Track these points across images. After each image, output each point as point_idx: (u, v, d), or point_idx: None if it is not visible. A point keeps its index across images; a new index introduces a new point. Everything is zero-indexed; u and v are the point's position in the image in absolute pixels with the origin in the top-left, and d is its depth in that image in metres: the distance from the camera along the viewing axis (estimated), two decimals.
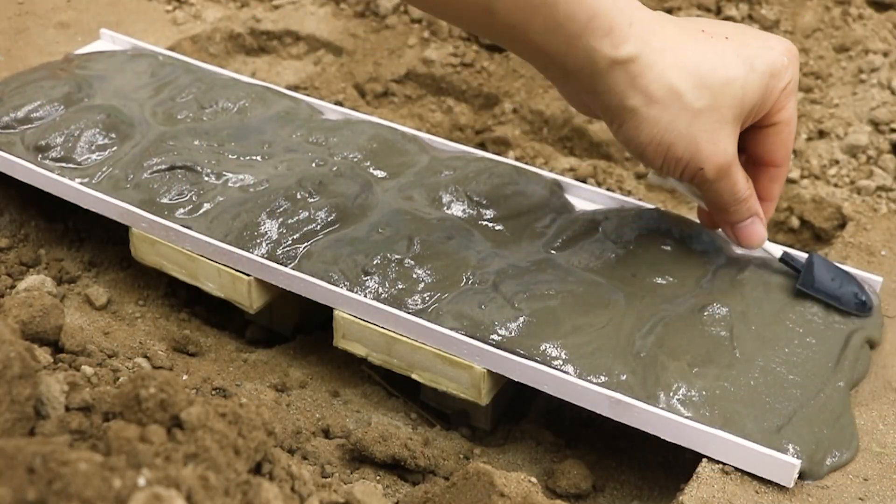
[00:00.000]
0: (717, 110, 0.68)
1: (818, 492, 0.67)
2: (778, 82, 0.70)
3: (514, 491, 0.62)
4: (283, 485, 0.52)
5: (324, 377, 0.86)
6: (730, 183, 0.72)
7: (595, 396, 0.70)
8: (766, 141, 0.74)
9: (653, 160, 0.70)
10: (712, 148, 0.69)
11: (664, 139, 0.68)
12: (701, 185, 0.72)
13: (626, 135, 0.69)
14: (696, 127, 0.68)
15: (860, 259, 0.91)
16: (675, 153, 0.69)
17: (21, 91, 0.99)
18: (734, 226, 0.77)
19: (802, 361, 0.74)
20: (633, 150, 0.70)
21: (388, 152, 0.95)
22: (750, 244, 0.77)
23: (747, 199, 0.74)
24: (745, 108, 0.69)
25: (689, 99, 0.67)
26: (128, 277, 0.95)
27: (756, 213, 0.76)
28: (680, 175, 0.71)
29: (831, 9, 1.15)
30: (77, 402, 0.56)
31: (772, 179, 0.77)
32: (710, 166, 0.69)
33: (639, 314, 0.77)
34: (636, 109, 0.67)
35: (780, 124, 0.73)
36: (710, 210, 0.78)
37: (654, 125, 0.67)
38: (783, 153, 0.75)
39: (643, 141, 0.69)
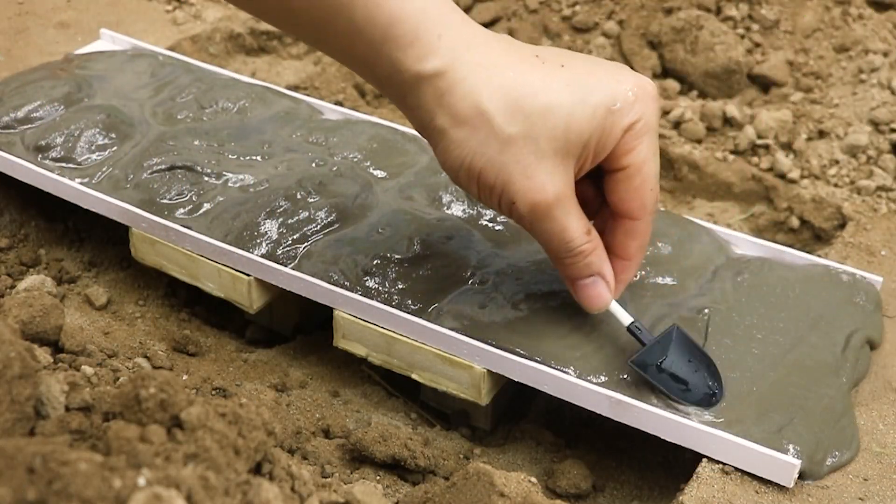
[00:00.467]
0: (532, 140, 0.60)
1: (818, 492, 0.67)
2: (619, 119, 0.62)
3: (514, 491, 0.62)
4: (283, 485, 0.52)
5: (324, 377, 0.86)
6: (554, 227, 0.63)
7: (595, 396, 0.70)
8: (617, 188, 0.65)
9: (468, 187, 0.64)
10: (526, 182, 0.61)
11: (473, 164, 0.61)
12: (520, 223, 0.64)
13: (439, 158, 0.64)
14: (507, 155, 0.61)
15: (860, 259, 0.91)
16: (486, 181, 0.62)
17: (21, 91, 0.99)
18: (573, 282, 0.68)
19: (803, 362, 0.74)
20: (449, 174, 0.64)
21: (388, 152, 0.95)
22: (589, 307, 0.68)
23: (584, 252, 0.65)
24: (570, 142, 0.61)
25: (499, 122, 0.60)
26: (128, 277, 0.95)
27: (599, 273, 0.67)
28: (499, 207, 0.64)
29: (831, 9, 1.15)
30: (77, 402, 0.56)
31: (627, 234, 0.67)
32: (522, 201, 0.62)
33: (639, 314, 0.77)
34: (444, 130, 0.61)
35: (630, 168, 0.64)
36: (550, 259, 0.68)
37: (461, 147, 0.61)
38: (637, 203, 0.65)
39: (454, 165, 0.63)
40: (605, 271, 0.67)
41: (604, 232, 0.68)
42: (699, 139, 1.12)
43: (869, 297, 0.81)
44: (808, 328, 0.77)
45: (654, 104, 0.64)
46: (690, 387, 0.69)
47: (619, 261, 0.68)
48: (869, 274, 0.83)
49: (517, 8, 1.24)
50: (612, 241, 0.67)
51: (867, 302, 0.80)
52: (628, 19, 1.18)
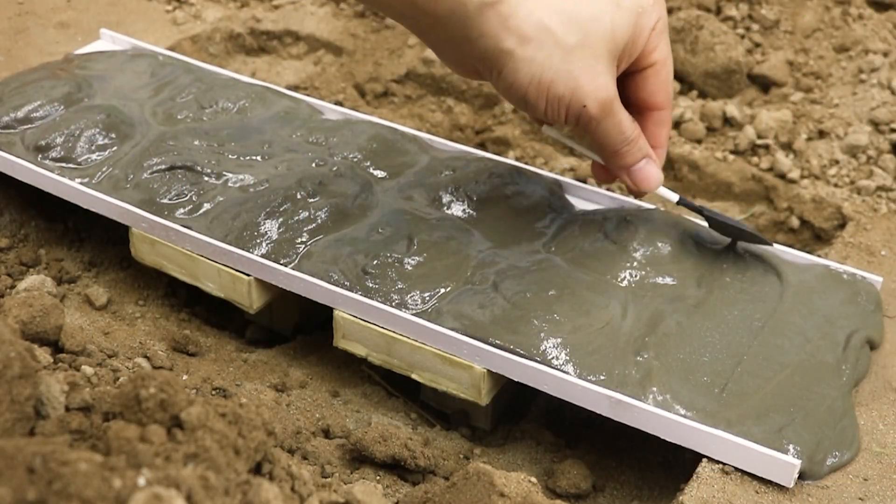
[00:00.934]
0: (590, 46, 0.68)
1: (818, 492, 0.67)
2: (646, 20, 0.71)
3: (514, 491, 0.62)
4: (283, 485, 0.52)
5: (324, 377, 0.86)
6: (615, 121, 0.72)
7: (595, 396, 0.70)
8: (645, 84, 0.75)
9: (536, 103, 0.70)
10: (592, 83, 0.69)
11: (543, 77, 0.68)
12: (587, 125, 0.72)
13: (506, 80, 0.69)
14: (572, 63, 0.68)
15: (860, 259, 0.91)
16: (556, 91, 0.69)
17: (21, 91, 0.99)
18: (629, 170, 0.77)
19: (803, 362, 0.74)
20: (516, 95, 0.70)
21: (388, 152, 0.95)
22: (648, 187, 0.77)
23: (636, 139, 0.74)
24: (617, 43, 0.69)
25: (561, 35, 0.67)
26: (128, 277, 0.95)
27: (648, 155, 0.76)
28: (566, 117, 0.71)
29: (831, 9, 1.15)
30: (77, 402, 0.56)
31: (657, 124, 0.77)
32: (592, 102, 0.69)
33: (639, 314, 0.77)
34: (512, 51, 0.67)
35: (657, 64, 0.74)
36: (603, 157, 0.77)
37: (530, 64, 0.68)
38: (664, 95, 0.75)
39: (523, 83, 0.69)
40: (652, 154, 0.77)
41: None
42: (699, 139, 1.12)
43: (869, 297, 0.81)
44: (810, 329, 0.77)
45: (665, 7, 0.74)
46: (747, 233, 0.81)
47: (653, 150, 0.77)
48: (869, 274, 0.83)
49: None
50: (645, 133, 0.76)
51: (867, 302, 0.80)
52: None
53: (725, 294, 0.80)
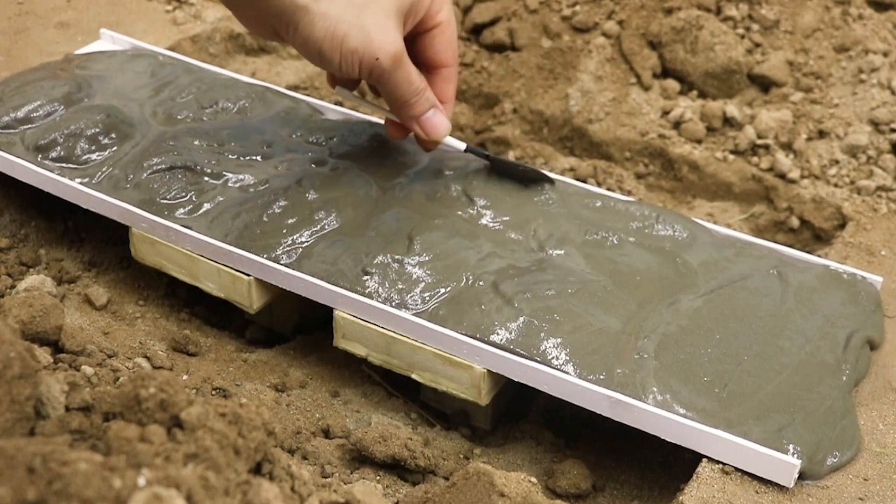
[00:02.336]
0: (379, 3, 0.73)
1: (818, 492, 0.67)
2: None
3: (514, 491, 0.62)
4: (283, 485, 0.52)
5: (324, 377, 0.86)
6: (405, 73, 0.77)
7: (595, 396, 0.70)
8: (433, 43, 0.80)
9: (331, 57, 0.74)
10: (383, 37, 0.74)
11: (337, 31, 0.72)
12: (380, 77, 0.76)
13: (302, 35, 0.73)
14: (364, 18, 0.73)
15: (860, 259, 0.91)
16: (349, 45, 0.73)
17: (21, 91, 0.99)
18: (418, 119, 0.81)
19: (804, 362, 0.74)
20: (311, 49, 0.74)
21: (388, 152, 0.95)
22: (437, 135, 0.82)
23: (423, 89, 0.79)
24: (403, 2, 0.75)
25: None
26: (128, 277, 0.95)
27: (435, 105, 0.81)
28: (359, 70, 0.75)
29: (831, 9, 1.15)
30: (77, 402, 0.56)
31: (445, 80, 0.82)
32: (384, 55, 0.74)
33: (640, 314, 0.77)
34: (306, 6, 0.72)
35: (442, 25, 0.79)
36: (394, 109, 0.81)
37: (325, 19, 0.72)
38: (450, 53, 0.81)
39: (318, 36, 0.73)
40: (439, 104, 0.82)
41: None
42: (699, 139, 1.12)
43: (869, 297, 0.81)
44: (810, 329, 0.77)
45: None
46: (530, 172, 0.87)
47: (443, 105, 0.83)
48: (869, 274, 0.83)
49: (517, 8, 1.23)
50: (433, 91, 0.82)
51: (867, 302, 0.80)
52: (628, 19, 1.18)
53: (726, 294, 0.80)
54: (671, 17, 1.15)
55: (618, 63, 1.18)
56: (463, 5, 1.27)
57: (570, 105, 1.16)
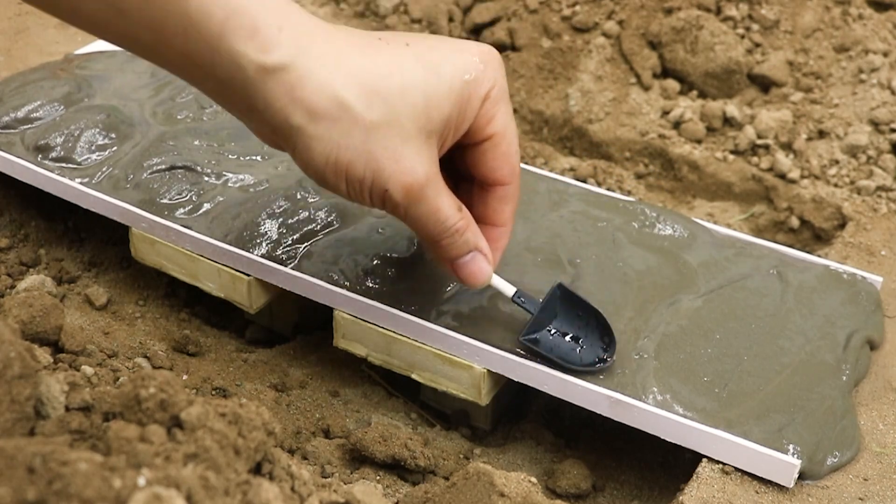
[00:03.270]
0: (395, 123, 0.59)
1: (818, 492, 0.67)
2: (475, 89, 0.61)
3: (514, 491, 0.62)
4: (283, 485, 0.52)
5: (324, 377, 0.86)
6: (429, 208, 0.62)
7: (595, 396, 0.70)
8: (484, 158, 0.65)
9: (336, 185, 0.61)
10: (395, 166, 0.59)
11: (340, 159, 0.59)
12: (394, 211, 0.63)
13: (301, 158, 0.60)
14: (373, 143, 0.59)
15: (860, 259, 0.91)
16: (355, 173, 0.60)
17: (21, 91, 0.99)
18: (452, 263, 0.67)
19: (804, 362, 0.74)
20: (314, 175, 0.61)
21: None
22: (473, 283, 0.67)
23: (460, 229, 0.64)
24: (432, 119, 0.60)
25: (360, 110, 0.58)
26: (128, 277, 0.95)
27: (476, 248, 0.66)
28: (370, 200, 0.62)
29: (831, 9, 1.15)
30: (77, 402, 0.56)
31: (501, 200, 0.67)
32: (395, 187, 0.60)
33: (640, 314, 0.77)
34: (301, 128, 0.58)
35: (496, 137, 0.64)
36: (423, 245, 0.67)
37: (324, 143, 0.58)
38: (508, 169, 0.66)
39: (318, 163, 0.60)
40: (482, 245, 0.67)
41: (472, 205, 0.68)
42: (699, 139, 1.12)
43: (869, 297, 0.81)
44: (810, 329, 0.77)
45: (502, 68, 0.64)
46: (583, 343, 0.71)
47: (495, 229, 0.68)
48: (869, 274, 0.83)
49: (517, 8, 1.23)
50: (485, 210, 0.68)
51: (867, 302, 0.80)
52: (628, 19, 1.18)
53: (726, 294, 0.80)
54: (671, 17, 1.15)
55: (618, 63, 1.18)
56: (463, 5, 1.27)
57: (570, 105, 1.16)
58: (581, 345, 0.71)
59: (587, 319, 0.72)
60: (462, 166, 0.67)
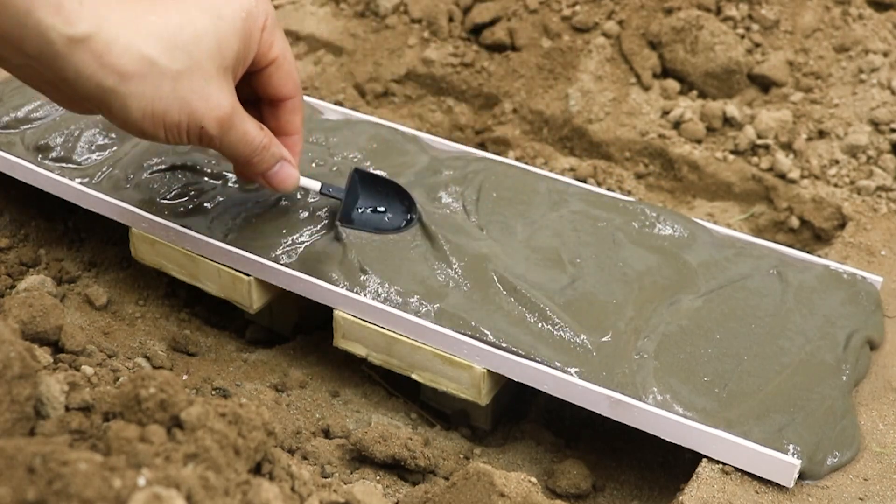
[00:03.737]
0: (197, 67, 0.67)
1: (818, 492, 0.67)
2: (253, 23, 0.70)
3: (514, 491, 0.62)
4: (283, 485, 0.52)
5: (324, 377, 0.86)
6: (240, 133, 0.71)
7: (595, 396, 0.70)
8: (271, 80, 0.75)
9: (156, 134, 0.68)
10: (206, 104, 0.68)
11: (156, 109, 0.66)
12: (211, 143, 0.71)
13: (118, 117, 0.67)
14: (181, 89, 0.66)
15: (860, 259, 0.91)
16: (171, 119, 0.67)
17: (21, 91, 0.99)
18: (265, 175, 0.76)
19: (804, 362, 0.74)
20: (133, 130, 0.68)
21: (388, 152, 0.95)
22: (286, 188, 0.77)
23: (266, 146, 0.74)
24: (226, 57, 0.68)
25: (165, 63, 0.65)
26: (128, 277, 0.95)
27: (282, 158, 0.76)
28: (188, 139, 0.70)
29: (831, 9, 1.15)
30: (77, 402, 0.56)
31: (291, 112, 0.77)
32: (210, 122, 0.69)
33: (640, 314, 0.77)
34: (114, 89, 0.64)
35: (278, 58, 0.74)
36: (236, 168, 0.77)
37: (139, 99, 0.65)
38: (291, 84, 0.76)
39: (136, 118, 0.66)
40: (286, 154, 0.77)
41: (266, 123, 0.77)
42: (699, 139, 1.12)
43: (869, 297, 0.81)
44: (810, 329, 0.77)
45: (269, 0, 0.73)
46: (389, 211, 0.84)
47: (289, 138, 0.78)
48: (869, 274, 0.83)
49: (517, 8, 1.24)
50: (278, 124, 0.77)
51: (867, 302, 0.80)
52: (628, 19, 1.18)
53: (726, 294, 0.80)
54: (671, 17, 1.15)
55: (618, 63, 1.18)
56: (463, 5, 1.27)
57: (570, 105, 1.16)
58: (387, 213, 0.84)
59: (386, 192, 0.84)
60: (248, 92, 0.76)
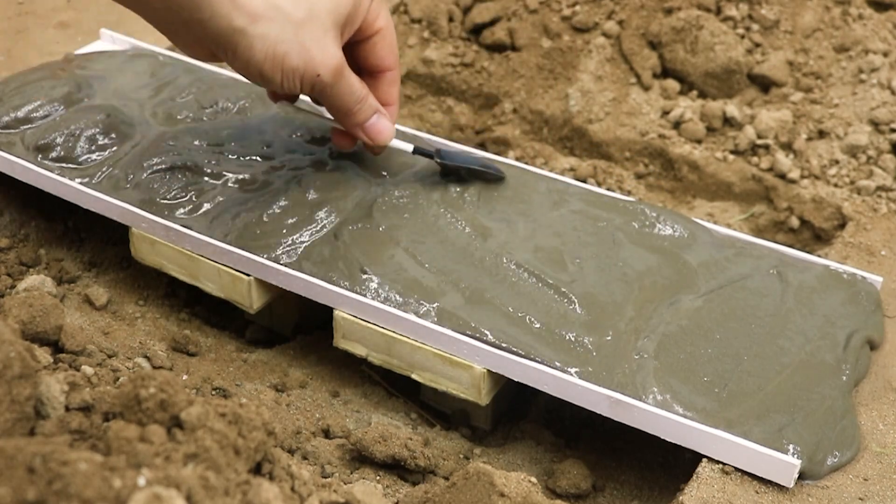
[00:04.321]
0: (317, 18, 0.73)
1: (818, 492, 0.67)
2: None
3: (514, 491, 0.62)
4: (283, 485, 0.52)
5: (324, 377, 0.86)
6: (347, 84, 0.77)
7: (595, 396, 0.70)
8: (374, 49, 0.81)
9: (273, 77, 0.74)
10: (323, 53, 0.74)
11: (277, 51, 0.72)
12: (322, 92, 0.77)
13: (242, 58, 0.72)
14: (303, 35, 0.72)
15: (860, 259, 0.91)
16: (290, 63, 0.73)
17: (21, 91, 0.99)
18: (363, 126, 0.82)
19: (804, 362, 0.74)
20: (253, 71, 0.73)
21: (388, 152, 0.94)
22: (382, 139, 0.83)
23: (365, 96, 0.80)
24: (340, 14, 0.74)
25: (290, 10, 0.71)
26: (128, 277, 0.95)
27: (378, 110, 0.82)
28: (301, 86, 0.75)
29: (831, 9, 1.15)
30: (77, 402, 0.56)
31: (389, 83, 0.83)
32: (325, 70, 0.74)
33: (640, 314, 0.77)
34: (244, 29, 0.70)
35: (382, 30, 0.80)
36: (338, 119, 0.82)
37: (264, 40, 0.71)
38: (392, 57, 0.82)
39: (259, 59, 0.72)
40: (381, 109, 0.82)
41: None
42: (699, 139, 1.12)
43: (869, 297, 0.81)
44: (810, 329, 0.77)
45: None
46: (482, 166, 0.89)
47: (388, 108, 0.84)
48: (869, 274, 0.83)
49: (517, 8, 1.23)
50: (377, 94, 0.83)
51: (867, 302, 0.80)
52: (628, 19, 1.18)
53: (726, 294, 0.80)
54: (671, 17, 1.15)
55: (618, 63, 1.18)
56: (463, 5, 1.27)
57: (570, 105, 1.16)
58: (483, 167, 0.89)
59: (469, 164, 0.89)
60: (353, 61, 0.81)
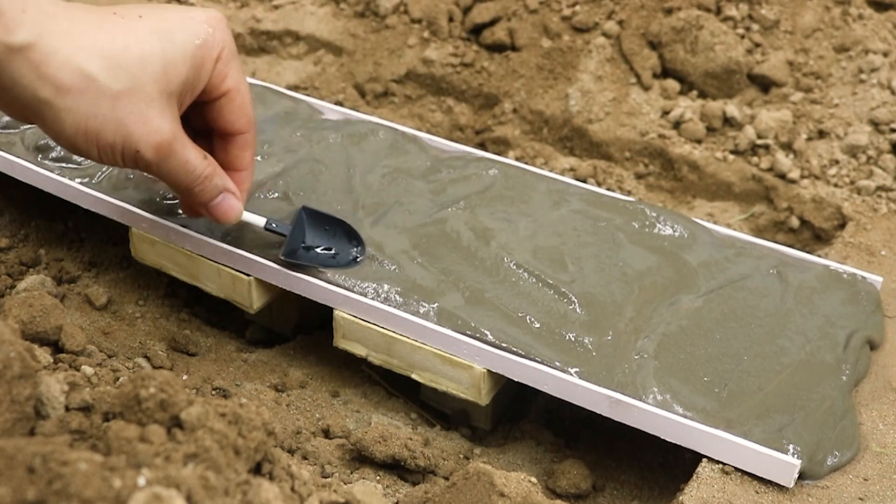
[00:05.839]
0: (138, 90, 0.65)
1: (818, 492, 0.67)
2: (208, 52, 0.68)
3: (514, 491, 0.62)
4: (283, 485, 0.52)
5: (324, 377, 0.86)
6: (178, 162, 0.69)
7: (595, 396, 0.70)
8: (222, 112, 0.73)
9: (88, 151, 0.67)
10: (143, 128, 0.66)
11: (90, 127, 0.65)
12: (147, 169, 0.69)
13: (52, 130, 0.65)
14: (120, 110, 0.65)
15: (860, 259, 0.91)
16: (106, 139, 0.65)
17: None
18: (206, 206, 0.74)
19: (804, 362, 0.74)
20: (66, 144, 0.66)
21: (388, 152, 0.94)
22: (227, 220, 0.75)
23: (209, 176, 0.72)
24: (172, 82, 0.66)
25: (105, 81, 0.64)
26: (128, 277, 0.95)
27: (226, 189, 0.74)
28: (122, 162, 0.68)
29: (831, 9, 1.15)
30: (77, 402, 0.56)
31: (242, 147, 0.75)
32: (145, 146, 0.66)
33: (640, 314, 0.77)
34: (50, 101, 0.63)
35: (231, 92, 0.71)
36: (178, 195, 0.75)
37: (73, 114, 0.64)
38: (244, 119, 0.74)
39: (69, 133, 0.65)
40: (230, 186, 0.74)
41: (215, 155, 0.75)
42: (699, 139, 1.12)
43: (869, 297, 0.81)
44: (810, 329, 0.77)
45: (229, 31, 0.71)
46: (337, 250, 0.81)
47: (239, 173, 0.76)
48: (869, 274, 0.83)
49: (517, 8, 1.24)
50: (227, 158, 0.75)
51: (867, 302, 0.80)
52: (628, 19, 1.18)
53: (726, 294, 0.80)
54: (671, 17, 1.15)
55: (618, 63, 1.18)
56: (463, 5, 1.27)
57: (570, 105, 1.16)
58: (335, 251, 0.81)
59: (334, 231, 0.82)
60: (200, 122, 0.74)
